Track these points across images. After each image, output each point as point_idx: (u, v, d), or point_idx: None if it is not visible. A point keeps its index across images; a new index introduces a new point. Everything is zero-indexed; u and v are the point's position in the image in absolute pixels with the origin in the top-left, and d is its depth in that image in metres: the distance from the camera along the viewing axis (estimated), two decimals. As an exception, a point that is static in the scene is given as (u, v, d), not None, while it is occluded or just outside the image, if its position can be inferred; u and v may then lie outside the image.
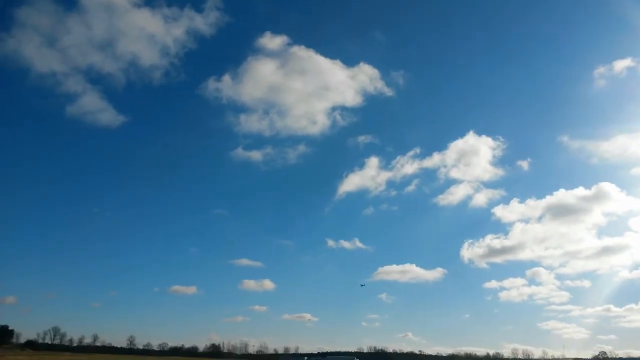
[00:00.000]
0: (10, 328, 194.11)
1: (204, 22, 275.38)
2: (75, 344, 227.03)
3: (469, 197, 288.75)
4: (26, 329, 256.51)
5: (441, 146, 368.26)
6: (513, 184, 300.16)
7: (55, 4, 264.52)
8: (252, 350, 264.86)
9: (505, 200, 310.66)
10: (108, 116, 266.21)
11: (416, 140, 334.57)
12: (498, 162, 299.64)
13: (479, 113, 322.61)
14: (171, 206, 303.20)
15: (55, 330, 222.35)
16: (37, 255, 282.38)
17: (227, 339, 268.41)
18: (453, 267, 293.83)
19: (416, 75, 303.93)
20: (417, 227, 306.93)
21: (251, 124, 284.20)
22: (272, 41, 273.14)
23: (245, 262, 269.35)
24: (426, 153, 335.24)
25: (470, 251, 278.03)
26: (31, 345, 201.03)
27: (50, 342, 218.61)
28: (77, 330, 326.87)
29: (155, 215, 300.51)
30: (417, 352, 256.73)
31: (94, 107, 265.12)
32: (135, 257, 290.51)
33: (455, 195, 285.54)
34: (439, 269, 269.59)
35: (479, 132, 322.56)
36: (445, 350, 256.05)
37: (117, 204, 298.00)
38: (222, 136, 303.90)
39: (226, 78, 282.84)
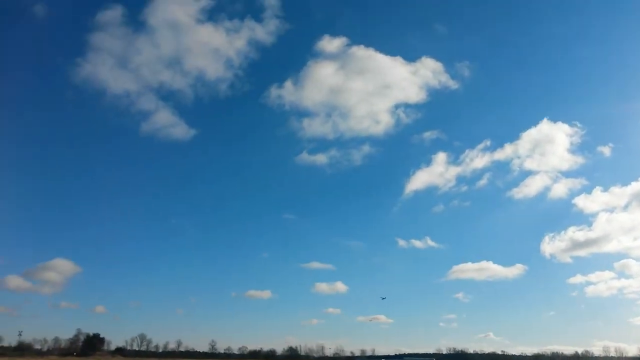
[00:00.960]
0: (101, 336, 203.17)
1: (264, 31, 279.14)
2: (160, 350, 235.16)
3: (547, 188, 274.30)
4: (115, 337, 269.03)
5: (513, 136, 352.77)
6: (594, 172, 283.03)
7: (125, 26, 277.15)
8: (328, 352, 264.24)
9: (587, 190, 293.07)
10: (180, 130, 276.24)
11: (485, 132, 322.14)
12: (577, 149, 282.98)
13: (552, 99, 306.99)
14: (243, 213, 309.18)
15: (142, 337, 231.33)
16: (123, 265, 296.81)
17: (304, 342, 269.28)
18: (534, 263, 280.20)
19: (482, 65, 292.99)
20: (492, 222, 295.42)
21: (314, 127, 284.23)
22: (331, 44, 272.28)
23: (316, 265, 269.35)
24: (497, 145, 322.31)
25: (551, 245, 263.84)
26: (121, 352, 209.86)
27: (137, 349, 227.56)
28: (162, 336, 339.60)
29: (228, 222, 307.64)
30: (500, 353, 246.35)
31: (166, 122, 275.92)
32: (212, 264, 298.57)
33: (532, 187, 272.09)
34: (519, 265, 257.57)
35: (554, 119, 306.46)
36: (529, 350, 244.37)
37: (192, 213, 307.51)
38: (286, 142, 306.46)
39: (288, 84, 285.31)
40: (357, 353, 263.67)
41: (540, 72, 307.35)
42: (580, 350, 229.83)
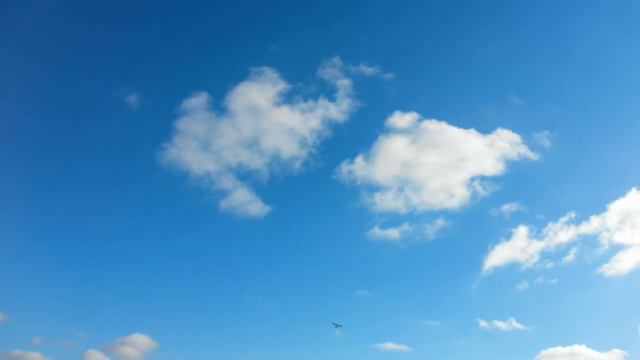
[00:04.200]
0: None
1: (337, 110, 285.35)
2: None
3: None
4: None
5: (599, 208, 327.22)
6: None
7: (209, 111, 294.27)
8: None
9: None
10: (256, 207, 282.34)
11: (569, 205, 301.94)
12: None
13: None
14: (315, 290, 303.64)
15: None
16: (198, 340, 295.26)
17: None
18: (633, 347, 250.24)
19: (562, 134, 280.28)
20: (583, 302, 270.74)
21: (387, 202, 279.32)
22: (402, 119, 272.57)
23: (390, 346, 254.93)
24: (582, 217, 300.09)
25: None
26: None
27: None
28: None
29: (301, 300, 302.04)
30: None
31: (243, 200, 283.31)
32: (285, 344, 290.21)
33: (624, 262, 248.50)
34: (616, 351, 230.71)
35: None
36: None
37: (266, 290, 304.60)
38: (358, 217, 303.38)
39: (359, 159, 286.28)
40: None
41: (625, 137, 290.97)
42: None
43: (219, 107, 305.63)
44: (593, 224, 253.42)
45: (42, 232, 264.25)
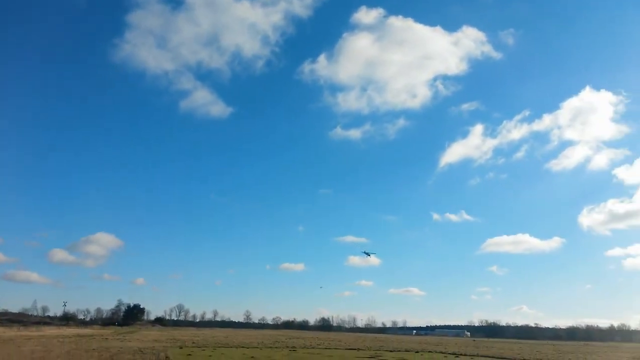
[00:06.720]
0: (141, 306, 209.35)
1: (301, 5, 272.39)
2: (197, 319, 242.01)
3: (588, 159, 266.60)
4: (155, 307, 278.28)
5: (553, 106, 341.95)
6: (638, 142, 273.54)
7: (163, 4, 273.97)
8: (360, 323, 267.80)
9: (629, 160, 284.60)
10: (218, 108, 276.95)
11: (525, 103, 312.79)
12: (621, 118, 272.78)
13: (597, 66, 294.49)
14: (278, 188, 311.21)
15: (180, 308, 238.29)
16: (163, 240, 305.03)
17: (336, 313, 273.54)
18: (571, 236, 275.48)
19: (527, 32, 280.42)
20: (529, 194, 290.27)
21: (349, 102, 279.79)
22: (368, 15, 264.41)
23: (350, 238, 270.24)
24: (536, 115, 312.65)
25: (590, 218, 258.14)
26: (160, 321, 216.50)
27: (176, 319, 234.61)
28: (199, 307, 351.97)
29: (264, 197, 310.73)
30: (533, 325, 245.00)
31: (205, 101, 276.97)
32: (249, 238, 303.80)
33: (571, 158, 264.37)
34: (556, 238, 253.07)
35: (597, 87, 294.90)
36: (564, 323, 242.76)
37: (229, 189, 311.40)
38: (321, 117, 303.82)
39: (322, 58, 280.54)
40: (389, 325, 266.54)
41: (586, 39, 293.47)
42: (616, 324, 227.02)
43: (174, 0, 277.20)
44: (545, 122, 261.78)
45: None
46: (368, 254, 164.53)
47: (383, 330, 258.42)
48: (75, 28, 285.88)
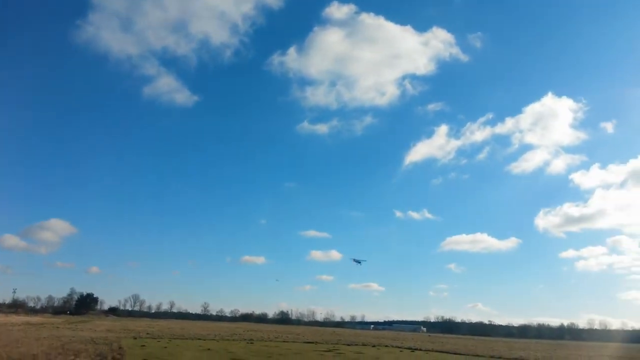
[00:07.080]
0: (95, 296, 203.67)
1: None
2: (153, 310, 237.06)
3: (546, 163, 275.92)
4: (109, 297, 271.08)
5: (515, 111, 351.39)
6: (595, 148, 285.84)
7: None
8: (319, 317, 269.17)
9: (586, 166, 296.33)
10: (182, 96, 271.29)
11: (489, 106, 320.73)
12: (579, 125, 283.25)
13: (560, 73, 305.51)
14: (242, 179, 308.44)
15: (135, 298, 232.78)
16: (119, 227, 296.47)
17: (295, 307, 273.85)
18: (527, 237, 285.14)
19: (494, 36, 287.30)
20: (489, 196, 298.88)
21: (318, 97, 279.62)
22: (340, 10, 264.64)
23: (313, 233, 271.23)
24: (498, 118, 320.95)
25: (545, 220, 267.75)
26: (114, 311, 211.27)
27: (130, 309, 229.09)
28: (156, 298, 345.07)
29: (227, 188, 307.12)
30: (487, 322, 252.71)
31: (169, 88, 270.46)
32: (210, 228, 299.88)
33: (531, 161, 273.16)
34: (513, 239, 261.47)
35: (559, 94, 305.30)
36: (516, 321, 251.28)
37: (192, 178, 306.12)
38: (288, 110, 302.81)
39: (291, 51, 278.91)
40: (347, 319, 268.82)
41: (551, 46, 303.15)
42: (566, 323, 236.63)
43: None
44: (507, 125, 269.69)
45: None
46: (359, 262, 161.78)
47: (341, 324, 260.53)
48: (35, 6, 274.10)
